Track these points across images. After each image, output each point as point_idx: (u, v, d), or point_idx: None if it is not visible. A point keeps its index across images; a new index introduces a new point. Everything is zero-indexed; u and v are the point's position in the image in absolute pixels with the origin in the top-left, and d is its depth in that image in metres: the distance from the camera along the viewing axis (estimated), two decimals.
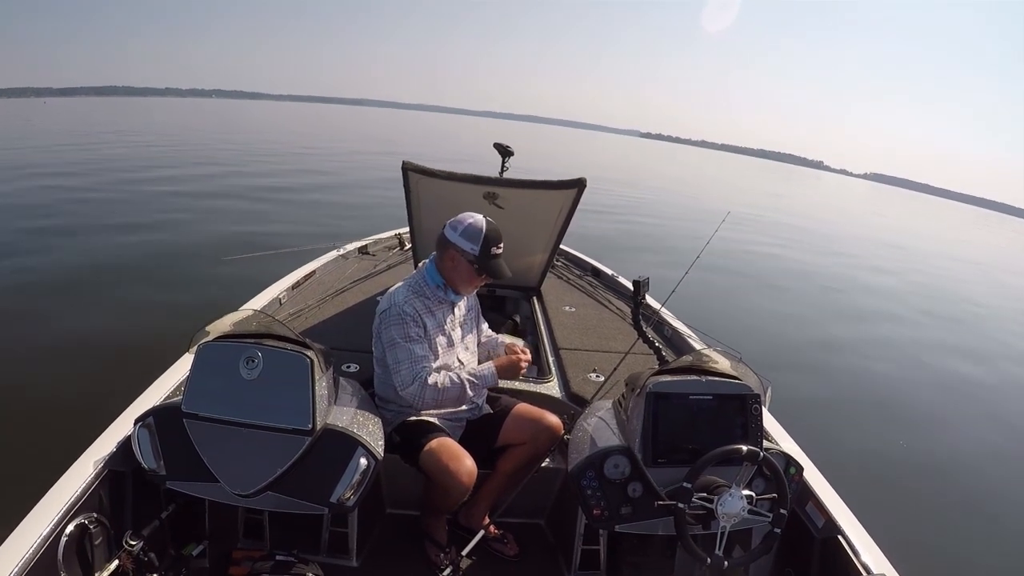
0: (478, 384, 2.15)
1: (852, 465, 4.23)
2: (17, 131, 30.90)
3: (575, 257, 4.92)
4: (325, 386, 1.86)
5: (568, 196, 3.05)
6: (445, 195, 3.01)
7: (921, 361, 7.66)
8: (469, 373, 2.15)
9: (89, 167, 16.17)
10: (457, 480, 1.98)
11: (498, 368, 2.19)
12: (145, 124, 40.63)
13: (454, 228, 2.12)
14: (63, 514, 1.65)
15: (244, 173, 17.00)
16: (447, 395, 2.09)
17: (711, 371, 2.00)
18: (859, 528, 1.93)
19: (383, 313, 2.14)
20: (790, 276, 11.61)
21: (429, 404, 2.10)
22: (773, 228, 18.55)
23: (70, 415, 3.57)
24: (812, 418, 4.92)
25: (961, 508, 4.30)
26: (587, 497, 1.86)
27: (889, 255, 17.40)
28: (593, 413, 2.18)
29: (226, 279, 6.66)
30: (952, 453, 5.14)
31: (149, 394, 2.18)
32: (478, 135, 54.94)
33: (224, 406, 1.77)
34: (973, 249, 27.25)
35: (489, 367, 2.19)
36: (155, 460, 1.81)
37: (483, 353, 2.48)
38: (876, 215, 38.48)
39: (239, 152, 23.76)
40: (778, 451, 2.00)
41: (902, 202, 76.67)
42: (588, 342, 3.17)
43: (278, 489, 1.77)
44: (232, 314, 1.97)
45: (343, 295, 3.58)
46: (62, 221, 9.68)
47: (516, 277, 3.68)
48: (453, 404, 2.18)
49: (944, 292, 13.00)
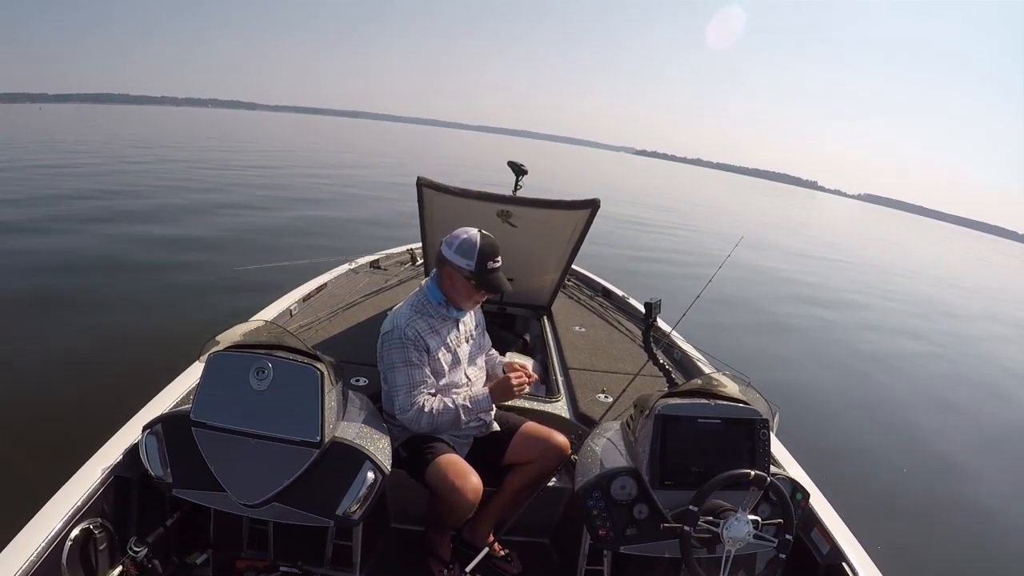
0: (472, 410, 2.17)
1: (858, 493, 4.18)
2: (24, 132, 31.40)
3: (586, 277, 4.92)
4: (334, 399, 1.87)
5: (581, 216, 3.06)
6: (458, 212, 3.02)
7: (931, 390, 7.60)
8: (464, 399, 2.16)
9: (102, 170, 16.41)
10: (463, 497, 1.98)
11: (493, 391, 2.21)
12: (155, 134, 41.28)
13: (449, 245, 2.14)
14: (68, 518, 1.66)
15: (253, 184, 17.18)
16: (442, 420, 2.12)
17: (720, 395, 2.00)
18: (864, 556, 1.92)
19: (386, 335, 2.15)
20: (800, 301, 11.55)
21: (424, 429, 2.14)
22: (785, 251, 18.51)
23: (78, 420, 3.59)
24: (819, 445, 4.88)
25: (965, 537, 4.26)
26: (593, 517, 1.85)
27: (901, 282, 17.30)
28: (601, 434, 2.17)
29: (237, 289, 6.71)
30: (959, 481, 5.08)
31: (158, 401, 2.20)
32: (481, 151, 55.22)
33: (233, 416, 1.77)
34: (983, 274, 27.14)
35: (484, 392, 2.21)
36: (162, 467, 1.82)
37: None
38: (881, 239, 38.47)
39: (246, 162, 24.07)
40: (785, 477, 1.99)
41: (905, 225, 76.89)
42: (597, 362, 3.16)
43: (284, 500, 1.77)
44: (243, 324, 1.98)
45: (354, 309, 3.59)
46: (75, 226, 9.81)
47: (527, 296, 3.69)
48: (449, 428, 2.20)
49: (959, 319, 12.91)
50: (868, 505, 4.05)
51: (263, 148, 34.85)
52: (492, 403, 2.22)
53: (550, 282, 3.64)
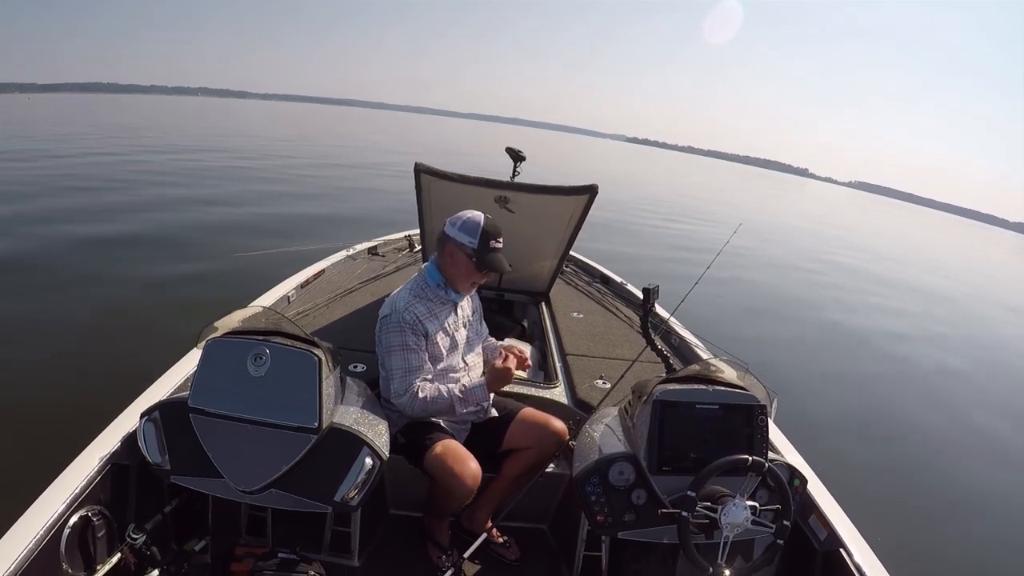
0: (467, 400, 2.17)
1: (855, 479, 4.22)
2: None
3: (585, 263, 4.91)
4: (332, 385, 1.87)
5: (579, 202, 3.05)
6: (456, 198, 3.01)
7: (929, 378, 7.61)
8: (460, 389, 2.16)
9: (103, 159, 16.32)
10: (462, 483, 1.99)
11: (488, 381, 2.21)
12: (149, 122, 40.97)
13: (452, 224, 2.16)
14: (67, 506, 1.66)
15: (251, 169, 17.13)
16: (436, 407, 2.13)
17: (718, 381, 1.99)
18: (861, 542, 1.93)
19: (384, 318, 2.16)
20: (799, 287, 11.57)
21: (419, 415, 2.15)
22: (783, 238, 18.50)
23: (76, 407, 3.59)
24: (817, 431, 4.90)
25: (964, 524, 4.28)
26: (591, 503, 1.86)
27: (898, 268, 17.32)
28: (599, 420, 2.17)
29: (235, 275, 6.71)
30: (955, 468, 5.12)
31: (155, 388, 2.20)
32: (475, 139, 54.94)
33: (231, 402, 1.77)
34: (984, 264, 27.16)
35: (480, 382, 2.21)
36: (160, 454, 1.82)
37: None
38: (875, 225, 38.47)
39: (246, 149, 23.95)
40: (783, 463, 1.99)
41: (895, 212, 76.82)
42: (595, 348, 3.16)
43: (282, 486, 1.77)
44: (241, 311, 1.98)
45: (352, 295, 3.58)
46: (74, 215, 9.77)
47: (525, 282, 3.68)
48: (443, 415, 2.21)
49: (958, 306, 12.94)
50: (866, 491, 4.09)
51: (256, 136, 34.66)
52: (487, 393, 2.22)
53: (548, 268, 3.64)
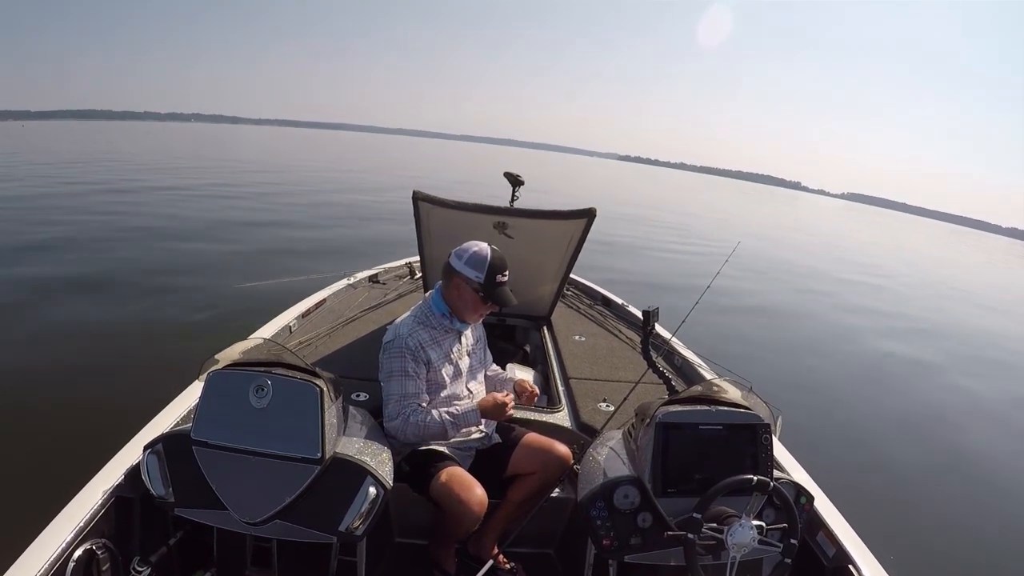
0: (459, 425, 2.18)
1: (863, 495, 4.17)
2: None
3: (585, 286, 4.92)
4: (335, 415, 1.87)
5: (578, 226, 3.08)
6: (455, 224, 3.03)
7: (934, 390, 7.58)
8: (451, 414, 2.16)
9: (106, 187, 16.45)
10: (468, 509, 1.98)
11: (483, 408, 2.21)
12: (155, 148, 41.37)
13: (459, 256, 2.16)
14: (71, 539, 1.65)
15: (250, 197, 17.23)
16: (428, 431, 2.14)
17: (721, 401, 1.99)
18: (870, 558, 1.91)
19: (387, 344, 2.18)
20: (799, 305, 11.56)
21: (411, 439, 2.16)
22: (781, 254, 18.54)
23: (79, 440, 3.58)
24: (822, 447, 4.86)
25: (976, 539, 4.23)
26: (596, 527, 1.84)
27: (901, 280, 17.33)
28: (603, 443, 2.17)
29: (237, 305, 6.74)
30: (965, 482, 5.07)
31: (158, 421, 2.20)
32: (469, 162, 55.31)
33: (233, 434, 1.77)
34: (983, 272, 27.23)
35: (472, 407, 2.21)
36: (164, 487, 1.81)
37: (488, 387, 2.49)
38: (871, 236, 38.66)
39: (248, 178, 24.12)
40: (788, 481, 1.98)
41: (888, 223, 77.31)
42: (598, 371, 3.16)
43: (287, 517, 1.77)
44: (242, 342, 1.99)
45: (353, 324, 3.59)
46: (74, 243, 9.83)
47: (526, 306, 3.68)
48: (437, 439, 2.21)
49: (960, 319, 12.91)
50: (874, 507, 4.04)
51: (250, 162, 34.98)
52: (479, 418, 2.22)
53: (549, 292, 3.65)
